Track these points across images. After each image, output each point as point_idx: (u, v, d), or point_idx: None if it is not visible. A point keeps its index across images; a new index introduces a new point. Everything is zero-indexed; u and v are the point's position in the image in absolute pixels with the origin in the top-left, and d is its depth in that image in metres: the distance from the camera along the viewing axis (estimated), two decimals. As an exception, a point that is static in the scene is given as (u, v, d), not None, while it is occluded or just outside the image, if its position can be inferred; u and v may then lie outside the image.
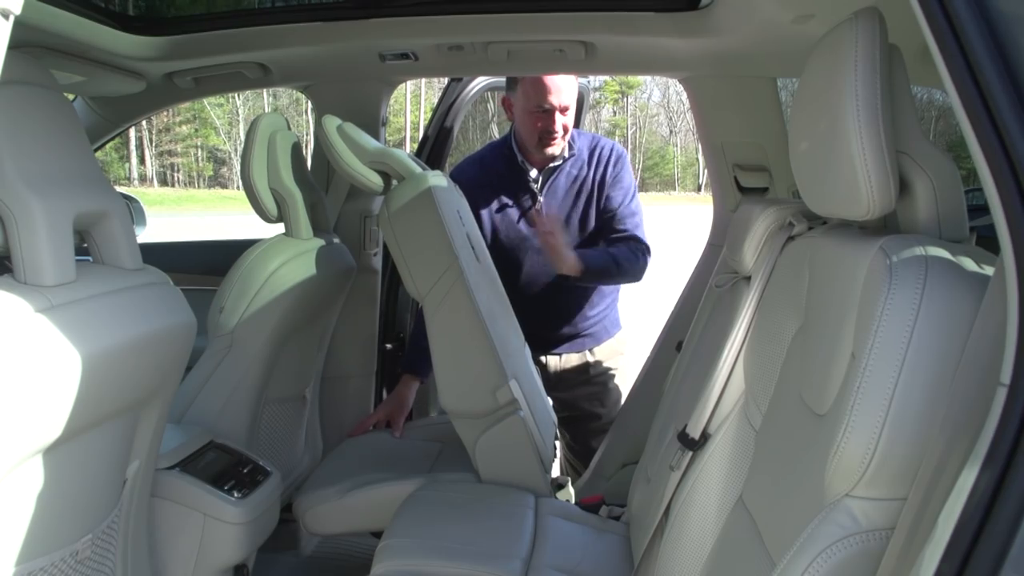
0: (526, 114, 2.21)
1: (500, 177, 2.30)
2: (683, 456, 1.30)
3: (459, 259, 1.77)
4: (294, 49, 1.96)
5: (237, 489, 1.58)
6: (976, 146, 0.66)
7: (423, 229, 1.77)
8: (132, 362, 1.14)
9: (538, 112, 2.18)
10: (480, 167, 2.33)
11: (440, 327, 1.78)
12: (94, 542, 1.18)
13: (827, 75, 0.89)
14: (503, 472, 1.81)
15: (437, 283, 1.77)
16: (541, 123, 2.19)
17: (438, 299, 1.77)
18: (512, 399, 1.78)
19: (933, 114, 4.49)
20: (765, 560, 0.91)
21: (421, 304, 1.80)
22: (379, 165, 1.90)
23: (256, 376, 1.81)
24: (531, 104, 2.18)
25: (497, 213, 2.29)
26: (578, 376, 2.37)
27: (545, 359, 2.36)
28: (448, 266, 1.76)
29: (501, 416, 1.79)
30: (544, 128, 2.19)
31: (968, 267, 0.75)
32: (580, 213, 2.29)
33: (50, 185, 1.03)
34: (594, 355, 2.38)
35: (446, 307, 1.77)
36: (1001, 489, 0.61)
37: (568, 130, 2.23)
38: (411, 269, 1.78)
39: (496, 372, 1.78)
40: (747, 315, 1.26)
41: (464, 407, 1.81)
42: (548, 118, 2.18)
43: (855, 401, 0.73)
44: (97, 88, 2.03)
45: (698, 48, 1.86)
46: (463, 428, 1.84)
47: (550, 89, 2.16)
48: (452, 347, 1.79)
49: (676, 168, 39.42)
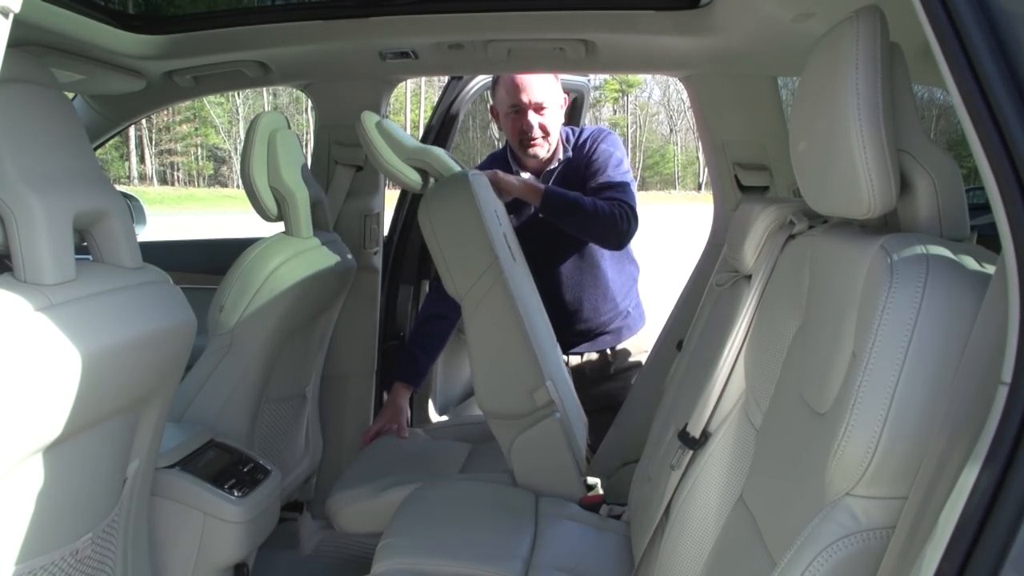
0: (504, 117, 2.20)
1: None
2: (683, 455, 1.30)
3: (499, 258, 1.76)
4: (294, 48, 1.95)
5: (237, 488, 1.58)
6: (977, 144, 0.66)
7: (463, 228, 1.76)
8: (132, 361, 1.14)
9: (513, 113, 2.17)
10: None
11: (479, 327, 1.76)
12: (94, 541, 1.18)
13: (828, 73, 0.89)
14: (538, 474, 1.79)
15: (477, 282, 1.76)
16: (517, 124, 2.17)
17: (477, 298, 1.75)
18: (549, 400, 1.77)
19: (934, 113, 4.50)
20: (765, 559, 0.91)
21: (460, 303, 1.79)
22: (418, 162, 1.89)
23: (256, 375, 1.81)
24: (505, 105, 2.17)
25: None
26: (600, 373, 2.36)
27: (567, 358, 2.33)
28: (488, 265, 1.75)
29: (538, 418, 1.78)
30: (520, 128, 2.17)
31: (969, 266, 0.75)
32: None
33: (50, 184, 1.03)
34: (616, 353, 2.36)
35: (485, 307, 1.75)
36: (1002, 488, 0.61)
37: (549, 130, 2.18)
38: (450, 268, 1.77)
39: (534, 373, 1.76)
40: (748, 314, 1.26)
41: (501, 408, 1.80)
42: (522, 118, 2.16)
43: (856, 400, 0.73)
44: (97, 87, 2.03)
45: (699, 46, 1.86)
46: (499, 429, 1.82)
47: (520, 87, 2.14)
48: (491, 347, 1.77)
49: (676, 167, 39.42)
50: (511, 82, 2.15)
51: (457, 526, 1.57)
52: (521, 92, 2.14)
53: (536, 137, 2.16)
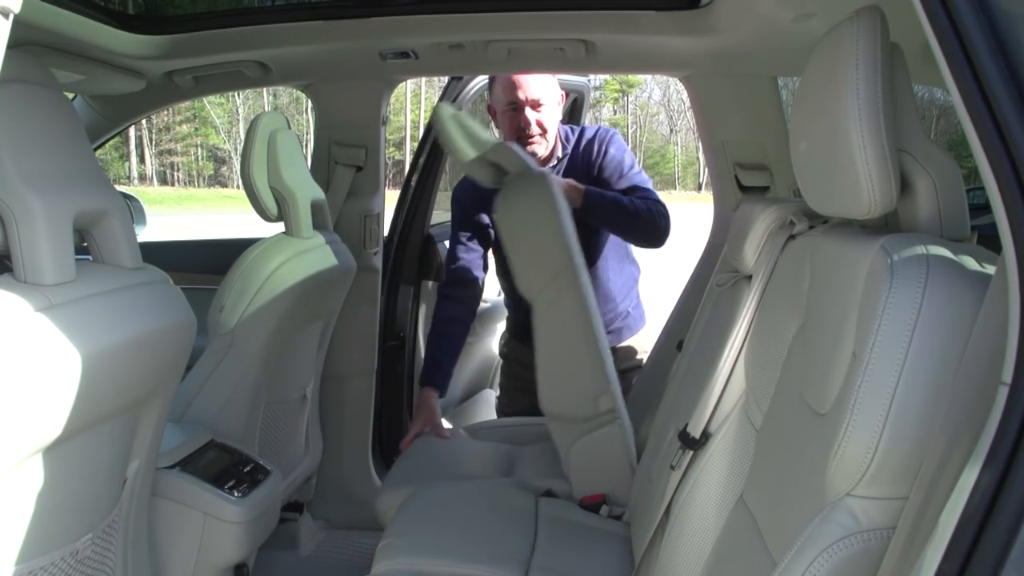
0: (501, 115, 2.17)
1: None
2: (684, 455, 1.30)
3: (574, 260, 1.73)
4: (294, 48, 1.95)
5: (237, 488, 1.58)
6: (977, 144, 0.66)
7: (541, 228, 1.74)
8: (132, 361, 1.14)
9: (509, 110, 2.14)
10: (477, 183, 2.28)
11: (549, 329, 1.75)
12: (94, 541, 1.18)
13: (828, 73, 0.89)
14: (595, 480, 1.77)
15: (550, 284, 1.74)
16: (514, 121, 2.14)
17: (549, 300, 1.74)
18: (612, 407, 1.75)
19: (934, 113, 4.49)
20: (766, 559, 0.91)
21: (532, 304, 1.75)
22: (492, 157, 1.88)
23: (256, 375, 1.81)
24: (502, 103, 2.15)
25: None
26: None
27: None
28: (563, 267, 1.73)
29: (601, 423, 1.77)
30: (517, 126, 2.13)
31: (969, 266, 0.75)
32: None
33: (50, 184, 1.03)
34: (616, 353, 2.34)
35: (558, 309, 1.74)
36: (1002, 489, 0.60)
37: (547, 127, 2.15)
38: (525, 267, 1.75)
39: (600, 378, 1.75)
40: (748, 314, 1.26)
41: (564, 411, 1.79)
42: (519, 115, 2.13)
43: (856, 400, 0.73)
44: (97, 87, 2.03)
45: (699, 46, 1.86)
46: (559, 432, 1.81)
47: (516, 84, 2.11)
48: (559, 349, 1.75)
49: (677, 167, 39.41)
50: (508, 79, 2.13)
51: (457, 527, 1.57)
52: (518, 89, 2.11)
53: (534, 135, 2.14)
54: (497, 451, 2.09)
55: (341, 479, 2.46)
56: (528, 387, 2.34)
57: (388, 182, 2.49)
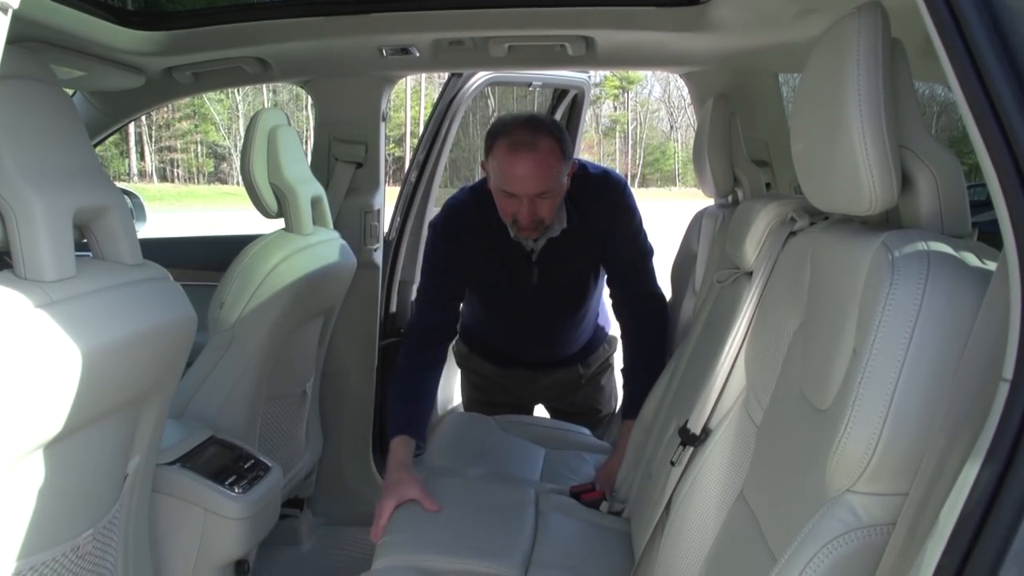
0: (496, 191, 1.80)
1: (491, 244, 1.94)
2: (684, 452, 1.30)
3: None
4: (293, 44, 1.95)
5: (238, 484, 1.58)
6: (979, 139, 0.66)
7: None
8: (132, 357, 1.14)
9: (504, 195, 1.78)
10: (468, 230, 1.94)
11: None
12: (95, 537, 1.18)
13: (829, 70, 0.88)
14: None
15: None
16: (509, 207, 1.79)
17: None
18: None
19: (935, 109, 4.49)
20: (766, 555, 0.91)
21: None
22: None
23: (257, 371, 1.81)
24: (497, 183, 1.78)
25: (488, 276, 1.98)
26: (571, 386, 2.32)
27: (534, 374, 2.29)
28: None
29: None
30: (511, 213, 1.79)
31: (970, 262, 0.75)
32: (580, 272, 2.03)
33: (50, 180, 1.03)
34: (586, 366, 2.31)
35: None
36: (1003, 484, 0.61)
37: (547, 219, 1.80)
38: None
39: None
40: (748, 311, 1.26)
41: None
42: (516, 203, 1.77)
43: (856, 396, 0.73)
44: (96, 83, 2.03)
45: (699, 43, 1.86)
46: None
47: (515, 176, 1.73)
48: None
49: (677, 164, 39.38)
50: (506, 164, 1.73)
51: (457, 523, 1.57)
52: (515, 182, 1.74)
53: (526, 227, 1.80)
54: (528, 450, 2.07)
55: (341, 475, 2.47)
56: (488, 394, 2.30)
57: (388, 179, 2.47)
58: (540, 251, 1.94)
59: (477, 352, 2.32)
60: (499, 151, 1.74)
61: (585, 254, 1.97)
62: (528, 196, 1.74)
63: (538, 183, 1.73)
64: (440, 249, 1.94)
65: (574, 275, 2.02)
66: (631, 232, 1.97)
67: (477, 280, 1.98)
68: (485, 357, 2.31)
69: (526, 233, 1.84)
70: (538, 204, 1.76)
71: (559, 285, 2.01)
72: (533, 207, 1.76)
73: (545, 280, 1.97)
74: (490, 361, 2.31)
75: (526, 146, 1.72)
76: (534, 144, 1.72)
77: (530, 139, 1.72)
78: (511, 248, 1.93)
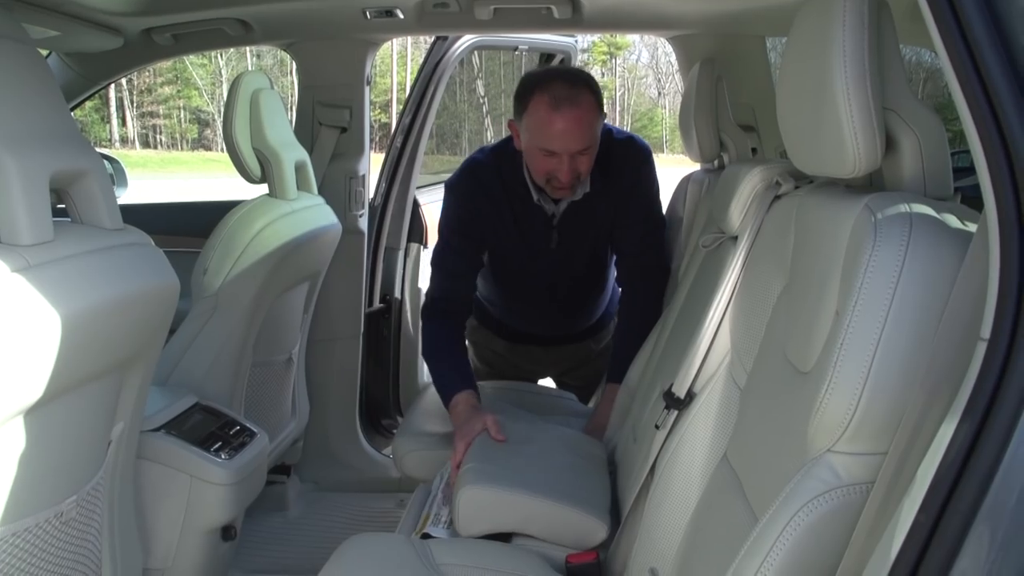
0: (530, 151, 1.74)
1: (510, 209, 1.88)
2: (668, 415, 1.31)
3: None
4: (275, 5, 1.91)
5: (224, 451, 1.58)
6: (962, 100, 0.65)
7: None
8: (113, 323, 1.12)
9: (543, 153, 1.71)
10: (486, 192, 1.87)
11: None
12: (79, 503, 1.18)
13: (815, 31, 0.88)
14: None
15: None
16: (546, 165, 1.73)
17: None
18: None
19: (922, 75, 4.48)
20: (748, 516, 0.92)
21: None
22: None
23: (241, 338, 1.80)
24: (535, 141, 1.71)
25: (505, 242, 1.93)
26: (581, 361, 2.31)
27: (545, 351, 2.27)
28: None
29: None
30: (550, 171, 1.73)
31: (952, 224, 0.75)
32: (599, 239, 1.97)
33: (24, 142, 1.00)
34: (597, 342, 2.29)
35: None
36: (977, 443, 0.61)
37: (584, 173, 1.76)
38: None
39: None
40: (733, 275, 1.26)
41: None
42: (555, 161, 1.71)
43: (838, 358, 0.73)
44: (72, 44, 1.98)
45: (686, 6, 1.84)
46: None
47: (557, 133, 1.67)
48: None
49: (664, 130, 39.23)
50: (546, 123, 1.66)
51: (541, 462, 1.54)
52: (556, 140, 1.68)
53: (565, 185, 1.76)
54: (516, 416, 2.07)
55: (328, 442, 2.48)
56: (496, 368, 2.28)
57: (375, 145, 2.44)
58: (561, 215, 1.89)
59: (487, 327, 2.27)
60: (538, 107, 1.67)
61: (605, 219, 1.91)
62: (569, 153, 1.69)
63: (581, 139, 1.68)
64: (457, 210, 1.89)
65: (592, 241, 1.97)
66: (648, 199, 1.94)
67: (494, 243, 1.92)
68: (496, 332, 2.27)
69: (562, 193, 1.79)
70: (578, 160, 1.71)
71: (577, 252, 1.96)
72: (574, 164, 1.71)
73: (564, 246, 1.93)
74: (501, 336, 2.27)
75: (568, 101, 1.65)
76: (575, 99, 1.66)
77: (571, 93, 1.66)
78: (532, 212, 1.88)
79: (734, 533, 0.89)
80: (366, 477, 2.48)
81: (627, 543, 1.37)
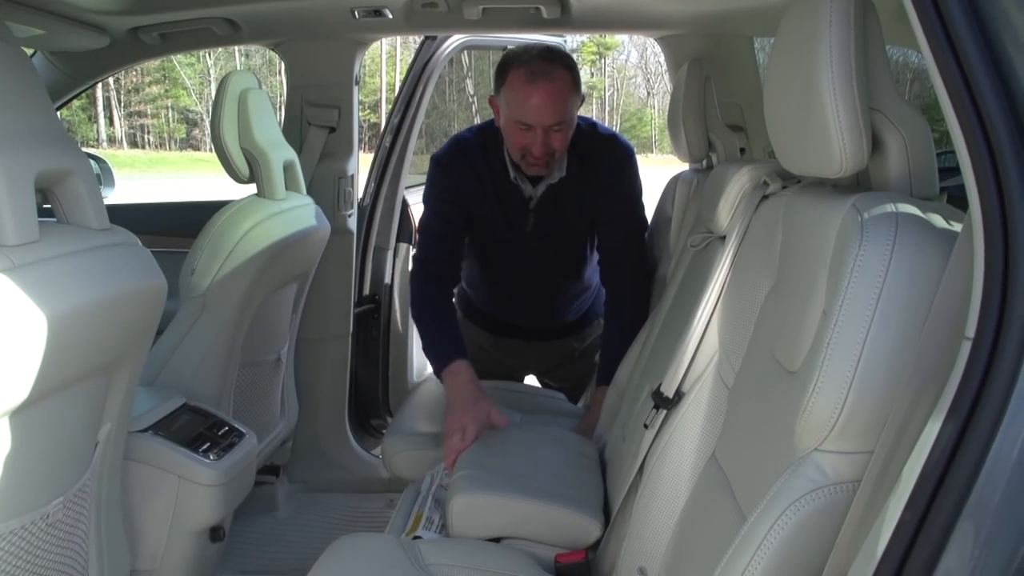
0: (507, 125, 1.78)
1: (492, 185, 1.92)
2: (657, 415, 1.31)
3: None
4: (263, 4, 1.91)
5: (212, 451, 1.58)
6: (946, 100, 0.66)
7: None
8: (99, 323, 1.12)
9: (518, 127, 1.75)
10: (472, 165, 1.91)
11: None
12: (65, 505, 1.17)
13: (801, 32, 0.88)
14: None
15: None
16: (521, 139, 1.77)
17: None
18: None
19: (908, 76, 4.51)
20: (737, 515, 0.92)
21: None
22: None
23: (230, 338, 1.80)
24: (512, 115, 1.75)
25: (487, 219, 1.95)
26: (564, 359, 2.32)
27: (528, 344, 2.28)
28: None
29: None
30: (523, 144, 1.77)
31: (937, 224, 0.76)
32: (576, 231, 2.00)
33: (8, 141, 1.00)
34: (580, 340, 2.30)
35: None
36: (962, 441, 0.62)
37: (558, 151, 1.79)
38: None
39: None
40: (721, 274, 1.27)
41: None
42: (530, 135, 1.75)
43: (825, 357, 0.74)
44: (58, 43, 1.97)
45: (674, 6, 1.84)
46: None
47: (531, 106, 1.71)
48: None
49: (653, 130, 39.29)
50: (522, 94, 1.71)
51: (533, 464, 1.54)
52: (532, 113, 1.72)
53: (540, 161, 1.79)
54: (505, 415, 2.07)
55: (317, 442, 2.47)
56: (480, 364, 2.29)
57: (364, 145, 2.43)
58: (539, 199, 1.92)
59: (471, 319, 2.29)
60: (515, 81, 1.73)
61: (582, 209, 1.94)
62: (543, 127, 1.73)
63: (554, 113, 1.72)
64: (443, 179, 1.93)
65: (568, 231, 2.00)
66: (631, 198, 1.97)
67: (477, 215, 1.95)
68: (480, 324, 2.28)
69: (536, 168, 1.83)
70: (551, 136, 1.75)
71: (554, 238, 1.99)
72: (547, 138, 1.75)
73: (541, 230, 1.96)
74: (485, 328, 2.28)
75: (543, 75, 1.71)
76: (550, 73, 1.71)
77: (546, 68, 1.71)
78: (510, 191, 1.92)
79: (722, 532, 0.90)
80: (355, 477, 2.47)
81: (616, 542, 1.37)
